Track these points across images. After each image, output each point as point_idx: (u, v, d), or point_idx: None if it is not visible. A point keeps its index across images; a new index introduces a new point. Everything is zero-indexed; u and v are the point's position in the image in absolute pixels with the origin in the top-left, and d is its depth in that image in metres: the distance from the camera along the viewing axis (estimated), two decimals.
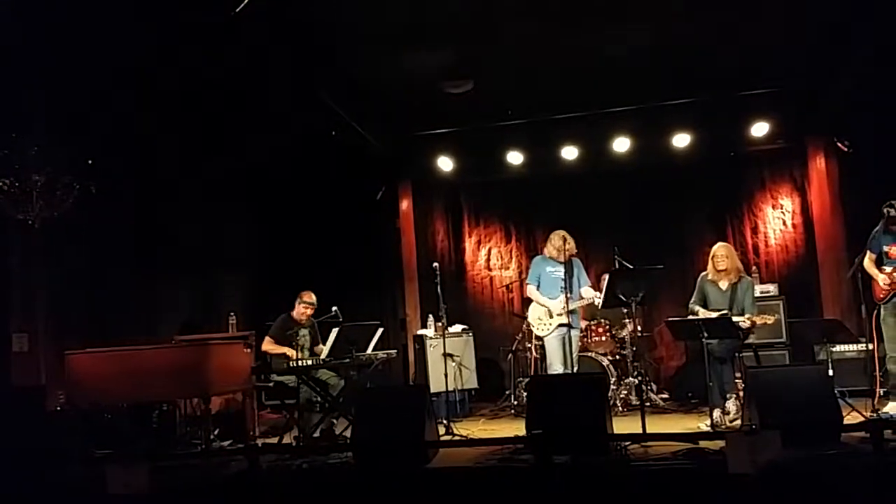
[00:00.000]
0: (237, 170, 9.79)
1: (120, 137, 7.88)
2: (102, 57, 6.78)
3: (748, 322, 6.64)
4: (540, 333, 7.56)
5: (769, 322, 6.69)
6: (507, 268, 10.56)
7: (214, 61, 7.23)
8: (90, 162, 7.38)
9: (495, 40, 7.57)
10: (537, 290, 7.57)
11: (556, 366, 7.32)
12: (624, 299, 6.57)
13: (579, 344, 7.84)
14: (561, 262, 7.46)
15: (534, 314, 7.61)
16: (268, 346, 7.48)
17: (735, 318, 6.59)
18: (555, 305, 7.39)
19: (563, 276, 7.37)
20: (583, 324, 8.29)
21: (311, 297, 7.62)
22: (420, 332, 9.19)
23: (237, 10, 6.21)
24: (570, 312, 7.30)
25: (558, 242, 7.47)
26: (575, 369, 7.36)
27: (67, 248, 7.81)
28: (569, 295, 7.27)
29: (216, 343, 7.23)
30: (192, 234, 9.40)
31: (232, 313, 8.63)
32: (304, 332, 7.59)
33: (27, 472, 5.68)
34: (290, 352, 7.21)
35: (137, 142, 8.15)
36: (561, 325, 7.35)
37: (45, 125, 7.21)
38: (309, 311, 7.61)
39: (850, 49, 7.83)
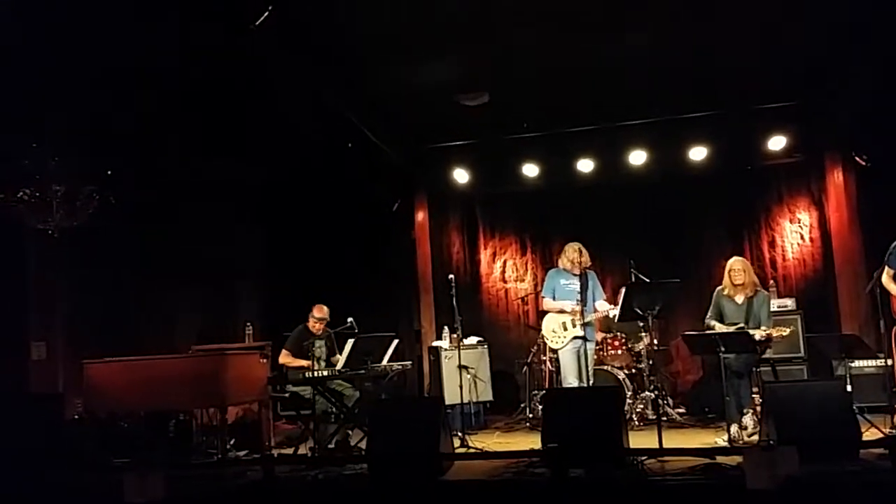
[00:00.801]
0: (255, 181, 9.87)
1: (139, 148, 7.96)
2: (120, 68, 6.85)
3: (763, 335, 6.60)
4: (554, 346, 7.54)
5: (784, 334, 6.64)
6: (523, 280, 10.55)
7: (231, 72, 7.29)
8: (109, 172, 7.46)
9: (511, 52, 7.58)
10: (552, 300, 7.56)
11: (570, 379, 7.29)
12: (640, 313, 6.54)
13: (595, 357, 7.82)
14: (575, 275, 7.43)
15: (548, 327, 7.59)
16: (285, 358, 7.51)
17: (750, 331, 6.56)
18: (569, 305, 7.36)
19: (577, 289, 7.35)
20: (598, 336, 8.26)
21: (321, 312, 7.64)
22: (435, 343, 9.21)
23: (256, 23, 6.27)
24: (584, 325, 7.28)
25: (573, 255, 7.46)
26: (590, 382, 7.33)
27: (86, 257, 7.89)
28: (583, 308, 7.25)
29: (233, 353, 7.25)
30: (210, 244, 9.45)
31: (249, 323, 8.67)
32: (319, 342, 7.59)
33: (44, 480, 5.71)
34: (307, 363, 7.23)
35: (155, 152, 8.22)
36: (576, 338, 7.31)
37: (65, 135, 7.29)
38: (321, 326, 7.63)
39: (869, 62, 7.80)
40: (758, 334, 6.56)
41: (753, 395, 6.84)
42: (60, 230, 7.27)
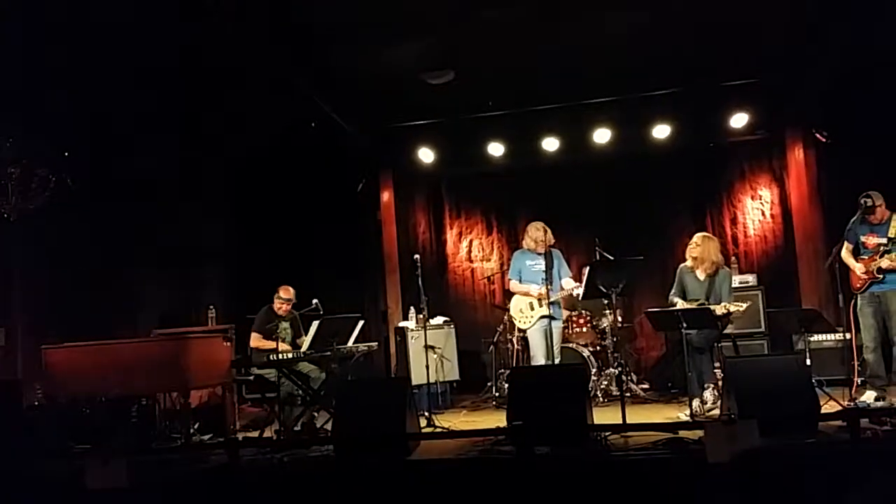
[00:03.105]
0: (216, 162, 9.73)
1: (97, 130, 7.80)
2: (79, 49, 6.70)
3: (722, 310, 6.67)
4: (522, 326, 7.57)
5: (741, 309, 6.72)
6: (489, 259, 10.56)
7: (191, 52, 7.16)
8: (66, 154, 7.31)
9: (475, 30, 7.53)
10: (519, 283, 7.57)
11: (538, 358, 7.32)
12: (604, 290, 6.58)
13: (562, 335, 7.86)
14: (540, 254, 7.44)
15: (516, 307, 7.62)
16: (256, 342, 7.43)
17: (711, 307, 6.63)
18: (535, 290, 7.38)
19: (543, 269, 7.36)
20: (564, 314, 8.30)
21: (287, 293, 7.58)
22: (401, 324, 9.20)
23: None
24: (551, 304, 7.30)
25: (536, 234, 7.46)
26: (557, 360, 7.38)
27: (45, 241, 7.74)
28: (549, 287, 7.27)
29: (195, 336, 7.20)
30: (171, 226, 9.32)
31: (211, 307, 8.59)
32: (284, 324, 7.56)
33: (5, 468, 5.62)
34: (283, 346, 7.18)
35: (115, 135, 8.06)
36: (543, 318, 7.34)
37: (22, 117, 7.12)
38: (286, 307, 7.57)
39: (829, 40, 7.86)
40: (718, 310, 6.64)
41: (715, 370, 6.93)
42: (17, 214, 7.12)
